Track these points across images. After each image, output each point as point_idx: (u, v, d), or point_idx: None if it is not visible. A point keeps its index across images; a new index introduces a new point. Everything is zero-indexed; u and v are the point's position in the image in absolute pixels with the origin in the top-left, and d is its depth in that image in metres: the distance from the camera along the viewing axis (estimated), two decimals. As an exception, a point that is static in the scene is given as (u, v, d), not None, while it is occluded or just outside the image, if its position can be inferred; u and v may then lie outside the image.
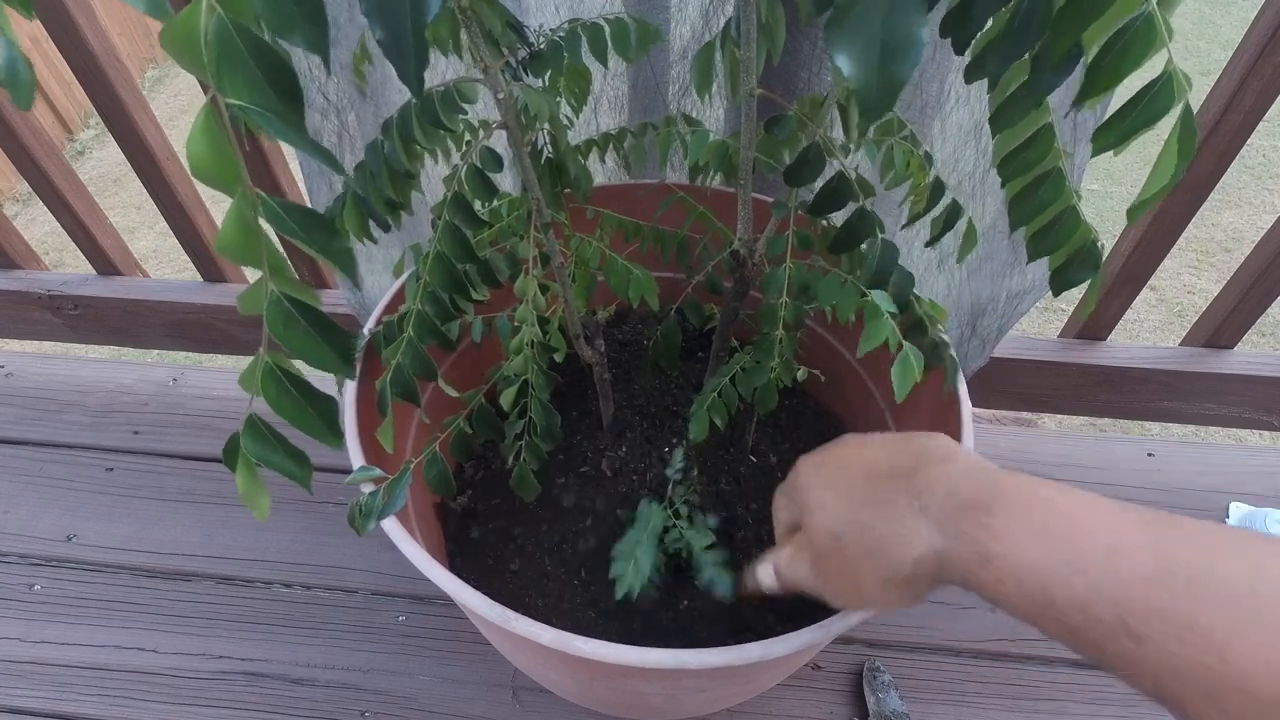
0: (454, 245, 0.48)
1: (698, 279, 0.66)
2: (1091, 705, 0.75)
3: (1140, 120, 0.33)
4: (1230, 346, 0.93)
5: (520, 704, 0.73)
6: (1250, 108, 0.71)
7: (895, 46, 0.27)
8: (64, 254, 2.53)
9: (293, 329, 0.33)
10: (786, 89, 0.70)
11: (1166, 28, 0.30)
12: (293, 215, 0.30)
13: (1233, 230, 2.51)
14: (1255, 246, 0.85)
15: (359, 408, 0.56)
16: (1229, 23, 3.57)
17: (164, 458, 0.95)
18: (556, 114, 0.50)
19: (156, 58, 3.84)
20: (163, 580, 0.84)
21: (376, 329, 0.57)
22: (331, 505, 0.89)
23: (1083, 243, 0.43)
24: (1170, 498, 0.90)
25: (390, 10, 0.27)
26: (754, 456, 0.74)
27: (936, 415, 0.61)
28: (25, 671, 0.77)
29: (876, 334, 0.46)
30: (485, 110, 0.72)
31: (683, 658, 0.43)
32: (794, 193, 0.53)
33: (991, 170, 0.73)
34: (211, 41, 0.25)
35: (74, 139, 3.33)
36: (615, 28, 0.50)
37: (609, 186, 0.77)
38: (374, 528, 0.49)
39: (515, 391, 0.56)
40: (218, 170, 0.27)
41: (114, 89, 0.81)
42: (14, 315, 1.06)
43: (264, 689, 0.75)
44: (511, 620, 0.45)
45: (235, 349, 1.06)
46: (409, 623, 0.80)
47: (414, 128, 0.45)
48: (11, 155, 0.89)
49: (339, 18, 0.64)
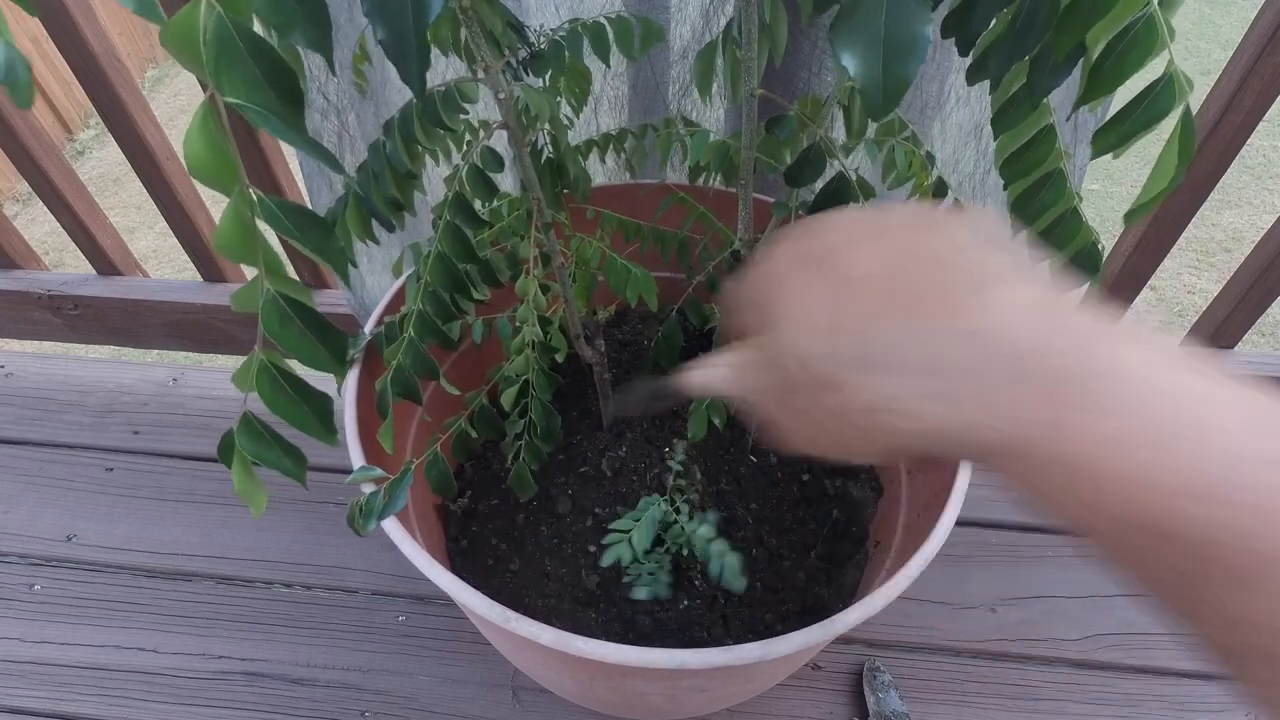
0: (455, 245, 0.48)
1: (698, 279, 0.66)
2: (1091, 705, 0.75)
3: (1141, 122, 0.33)
4: (1230, 346, 0.93)
5: (520, 704, 0.73)
6: (1250, 108, 0.70)
7: (900, 46, 0.27)
8: (64, 254, 2.53)
9: (288, 328, 0.33)
10: (787, 89, 0.70)
11: (1168, 29, 0.30)
12: (290, 215, 0.30)
13: (1233, 230, 2.51)
14: (1255, 246, 0.85)
15: (359, 407, 0.56)
16: (1229, 23, 3.57)
17: (164, 458, 0.95)
18: (557, 114, 0.50)
19: (156, 58, 3.83)
20: (163, 580, 0.84)
21: (378, 329, 0.57)
22: (331, 505, 0.89)
23: (1084, 244, 0.43)
24: (1171, 498, 0.90)
25: (392, 10, 0.27)
26: (754, 456, 0.74)
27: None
28: (25, 671, 0.77)
29: None
30: (486, 110, 0.72)
31: (683, 658, 0.43)
32: (795, 193, 0.53)
33: (991, 171, 0.73)
34: (210, 40, 0.25)
35: (74, 139, 3.33)
36: (618, 26, 0.50)
37: (609, 186, 0.77)
38: (374, 528, 0.49)
39: (516, 391, 0.56)
40: (215, 169, 0.27)
41: (114, 89, 0.81)
42: (14, 315, 1.06)
43: (264, 689, 0.75)
44: (512, 620, 0.45)
45: (235, 349, 1.06)
46: (409, 623, 0.80)
47: (415, 128, 0.45)
48: (11, 155, 0.89)
49: (339, 18, 0.64)
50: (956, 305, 0.26)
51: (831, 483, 0.74)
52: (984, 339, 0.25)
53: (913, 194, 0.55)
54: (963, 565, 0.83)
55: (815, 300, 0.29)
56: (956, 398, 0.25)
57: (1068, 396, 0.24)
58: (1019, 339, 0.25)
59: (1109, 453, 0.23)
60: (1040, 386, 0.24)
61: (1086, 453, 0.23)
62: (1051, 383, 0.24)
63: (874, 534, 0.71)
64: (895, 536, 0.63)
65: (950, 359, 0.25)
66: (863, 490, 0.72)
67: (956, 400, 0.25)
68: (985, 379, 0.25)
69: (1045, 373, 0.24)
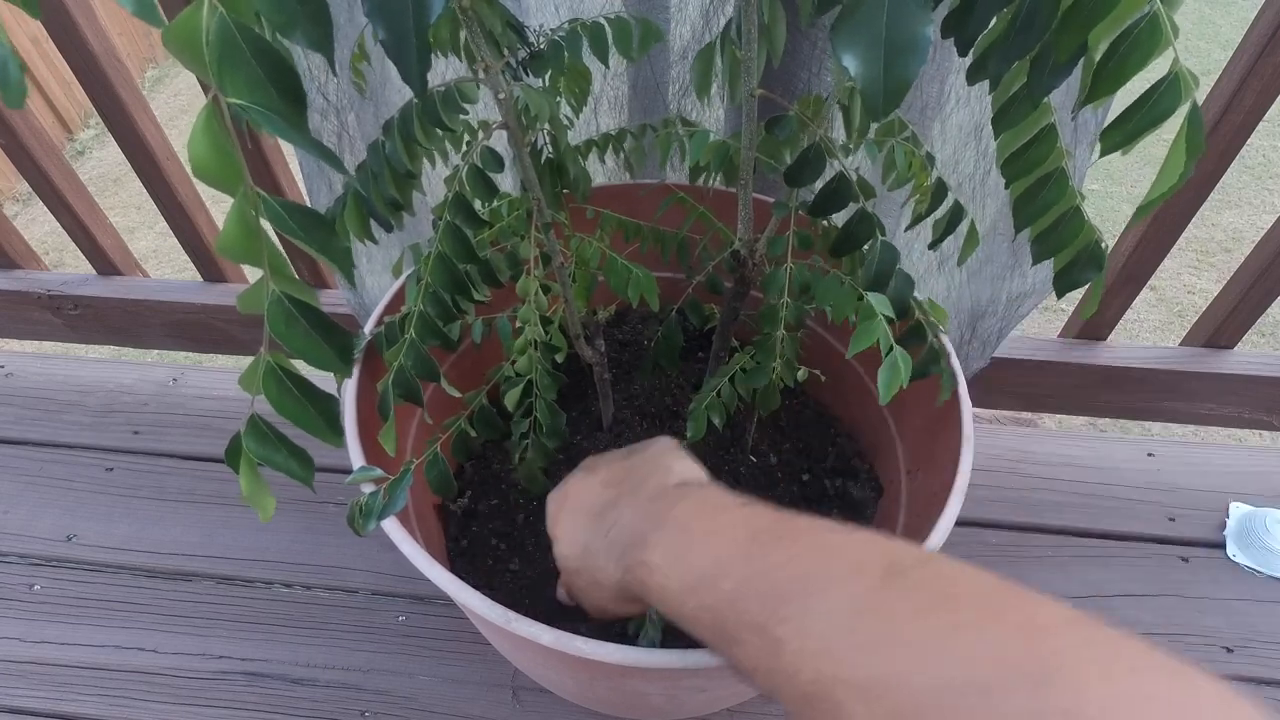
0: (455, 245, 0.48)
1: (698, 279, 0.66)
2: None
3: (1148, 120, 0.33)
4: (1230, 346, 0.94)
5: (520, 704, 0.73)
6: (1250, 108, 0.71)
7: (901, 46, 0.27)
8: (64, 254, 2.53)
9: (294, 328, 0.33)
10: (787, 90, 0.70)
11: (1172, 27, 0.30)
12: (293, 215, 0.30)
13: (1233, 230, 2.51)
14: (1255, 246, 0.85)
15: (360, 408, 0.56)
16: (1229, 23, 3.58)
17: (164, 458, 0.95)
18: (556, 114, 0.50)
19: (156, 58, 3.83)
20: (163, 580, 0.84)
21: (378, 329, 0.57)
22: (332, 505, 0.89)
23: (1087, 243, 0.43)
24: (1170, 497, 0.90)
25: (393, 10, 0.27)
26: (754, 456, 0.74)
27: (936, 415, 0.61)
28: (25, 671, 0.77)
29: (868, 335, 0.46)
30: (485, 110, 0.72)
31: (683, 658, 0.43)
32: (794, 193, 0.53)
33: (992, 172, 0.73)
34: (213, 41, 0.25)
35: (74, 139, 3.33)
36: (617, 27, 0.50)
37: (609, 186, 0.77)
38: (374, 528, 0.49)
39: (520, 391, 0.56)
40: (219, 170, 0.27)
41: (114, 89, 0.81)
42: (14, 315, 1.06)
43: (264, 689, 0.75)
44: (512, 621, 0.45)
45: (235, 349, 1.06)
46: (409, 623, 0.80)
47: (415, 128, 0.45)
48: (11, 155, 0.89)
49: (339, 18, 0.64)
50: (604, 517, 0.44)
51: (831, 483, 0.74)
52: (612, 532, 0.42)
53: (913, 194, 0.55)
54: (963, 565, 0.83)
55: (565, 530, 0.47)
56: (606, 569, 0.42)
57: (645, 553, 0.38)
58: (623, 527, 0.42)
59: (659, 579, 0.37)
60: (630, 550, 0.40)
61: (652, 582, 0.38)
62: (638, 548, 0.39)
63: (874, 534, 0.70)
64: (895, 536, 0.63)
65: (601, 549, 0.43)
66: (863, 490, 0.73)
67: (605, 573, 0.42)
68: (612, 555, 0.42)
69: (634, 541, 0.40)
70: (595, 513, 0.45)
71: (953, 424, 0.57)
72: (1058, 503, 0.89)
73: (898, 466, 0.68)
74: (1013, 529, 0.87)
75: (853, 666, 0.28)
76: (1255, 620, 0.79)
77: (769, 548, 0.34)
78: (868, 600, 0.29)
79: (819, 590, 0.30)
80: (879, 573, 0.30)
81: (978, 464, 0.55)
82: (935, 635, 0.27)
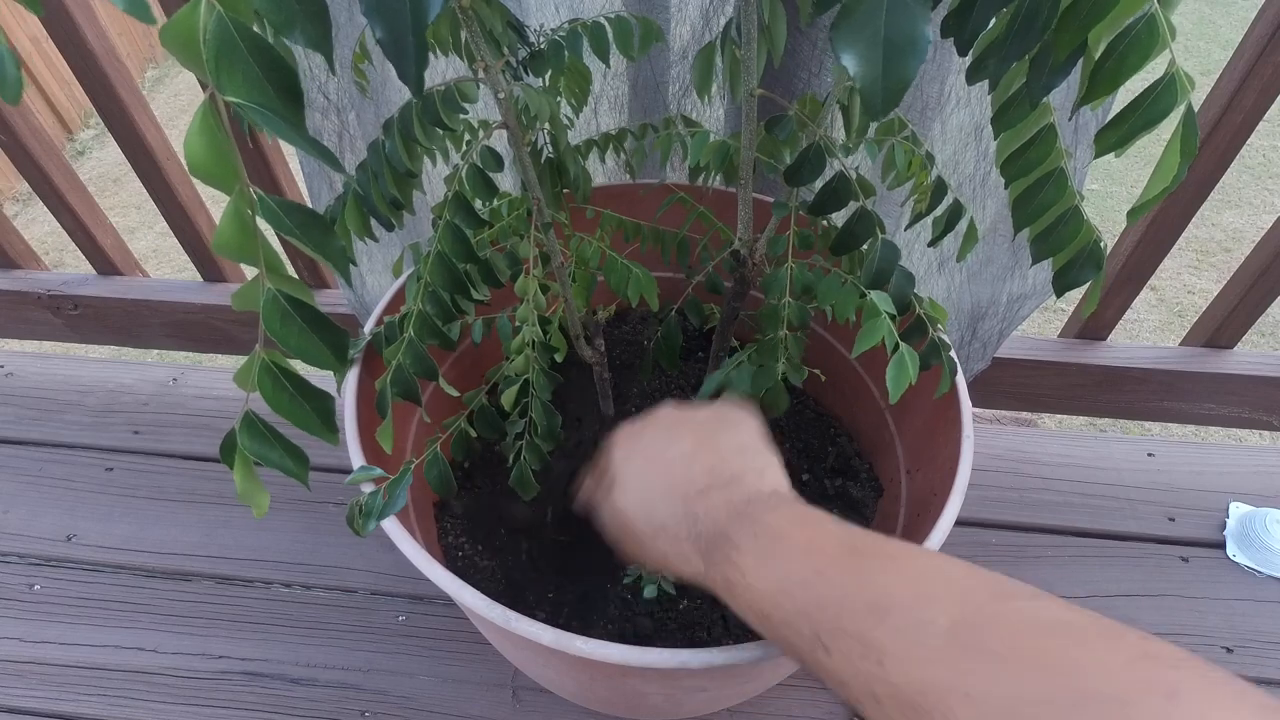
0: (455, 245, 0.48)
1: (698, 279, 0.66)
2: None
3: (1143, 121, 0.33)
4: (1230, 346, 0.93)
5: (520, 704, 0.73)
6: (1250, 108, 0.70)
7: (900, 45, 0.27)
8: (64, 254, 2.53)
9: (289, 326, 0.33)
10: (786, 89, 0.70)
11: (1169, 28, 0.30)
12: (290, 214, 0.30)
13: (1233, 230, 2.51)
14: (1255, 246, 0.85)
15: (359, 407, 0.56)
16: (1229, 23, 3.58)
17: (164, 458, 0.95)
18: (557, 114, 0.50)
19: (156, 58, 3.84)
20: (163, 580, 0.84)
21: (377, 329, 0.57)
22: (331, 505, 0.89)
23: (1086, 243, 0.43)
24: (1170, 497, 0.90)
25: (390, 10, 0.27)
26: (754, 457, 0.74)
27: (936, 415, 0.61)
28: (25, 671, 0.77)
29: (873, 334, 0.46)
30: (486, 110, 0.72)
31: (683, 658, 0.43)
32: (794, 192, 0.53)
33: (992, 172, 0.73)
34: (210, 39, 0.25)
35: (74, 139, 3.33)
36: (618, 26, 0.50)
37: (609, 186, 0.77)
38: (374, 528, 0.49)
39: (516, 391, 0.56)
40: (215, 168, 0.27)
41: (114, 89, 0.81)
42: (14, 315, 1.06)
43: (264, 689, 0.75)
44: (512, 620, 0.45)
45: (235, 349, 1.06)
46: (409, 623, 0.79)
47: (415, 127, 0.45)
48: (11, 155, 0.89)
49: (339, 17, 0.64)
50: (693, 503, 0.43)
51: (831, 483, 0.74)
52: (699, 524, 0.42)
53: (912, 193, 0.55)
54: (963, 565, 0.83)
55: (632, 480, 0.46)
56: (685, 558, 0.42)
57: (736, 554, 0.39)
58: (715, 522, 0.41)
59: (749, 579, 0.38)
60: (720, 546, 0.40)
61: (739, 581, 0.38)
62: (729, 546, 0.40)
63: (874, 534, 0.70)
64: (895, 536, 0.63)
65: (683, 536, 0.42)
66: (863, 490, 0.72)
67: (684, 560, 0.43)
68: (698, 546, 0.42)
69: (724, 538, 0.40)
70: (683, 494, 0.44)
71: (952, 424, 0.57)
72: (1058, 503, 0.89)
73: (897, 466, 0.68)
74: (1013, 529, 0.87)
75: (968, 675, 0.28)
76: (1255, 620, 0.79)
77: (869, 560, 0.35)
78: (982, 615, 0.30)
79: (928, 603, 0.31)
80: (986, 594, 0.31)
81: (978, 464, 0.55)
82: (1062, 650, 0.27)
